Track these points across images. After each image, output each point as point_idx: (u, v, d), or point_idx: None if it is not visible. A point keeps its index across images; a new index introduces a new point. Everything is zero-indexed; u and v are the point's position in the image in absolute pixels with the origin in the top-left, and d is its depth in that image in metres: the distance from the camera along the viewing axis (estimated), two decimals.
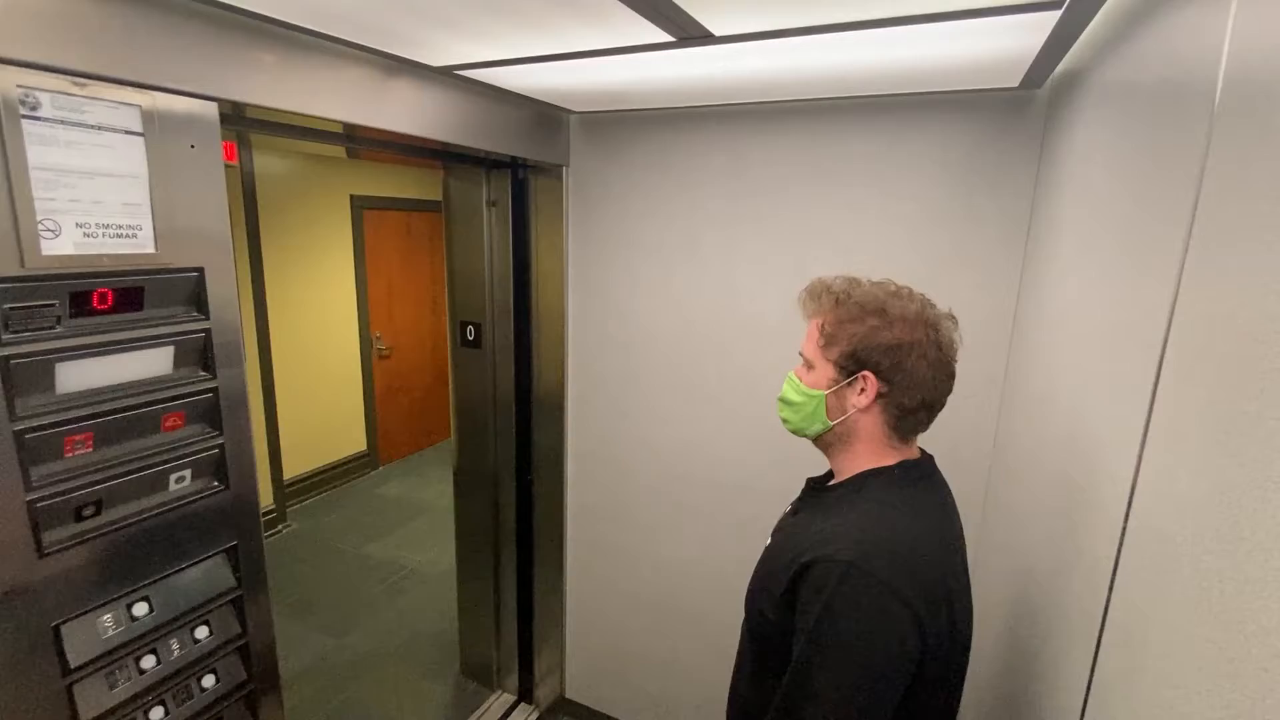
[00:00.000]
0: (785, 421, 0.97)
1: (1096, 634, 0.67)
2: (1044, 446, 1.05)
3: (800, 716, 0.77)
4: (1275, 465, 0.40)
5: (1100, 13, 0.95)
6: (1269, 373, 0.42)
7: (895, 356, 0.85)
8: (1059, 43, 1.05)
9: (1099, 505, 0.73)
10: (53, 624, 0.87)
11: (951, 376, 0.89)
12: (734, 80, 1.38)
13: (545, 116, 1.77)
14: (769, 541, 0.99)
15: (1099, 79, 0.99)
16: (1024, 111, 1.40)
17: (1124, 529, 0.64)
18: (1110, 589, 0.65)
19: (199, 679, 1.05)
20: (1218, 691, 0.43)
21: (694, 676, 2.08)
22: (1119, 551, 0.64)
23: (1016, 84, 1.33)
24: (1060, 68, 1.25)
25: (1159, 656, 0.53)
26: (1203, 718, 0.45)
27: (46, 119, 0.82)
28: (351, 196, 4.11)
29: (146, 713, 0.98)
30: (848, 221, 1.61)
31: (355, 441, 4.40)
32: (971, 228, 1.49)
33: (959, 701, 0.90)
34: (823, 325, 0.91)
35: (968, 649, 0.88)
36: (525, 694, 2.40)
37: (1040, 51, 1.09)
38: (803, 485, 1.03)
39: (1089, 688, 0.68)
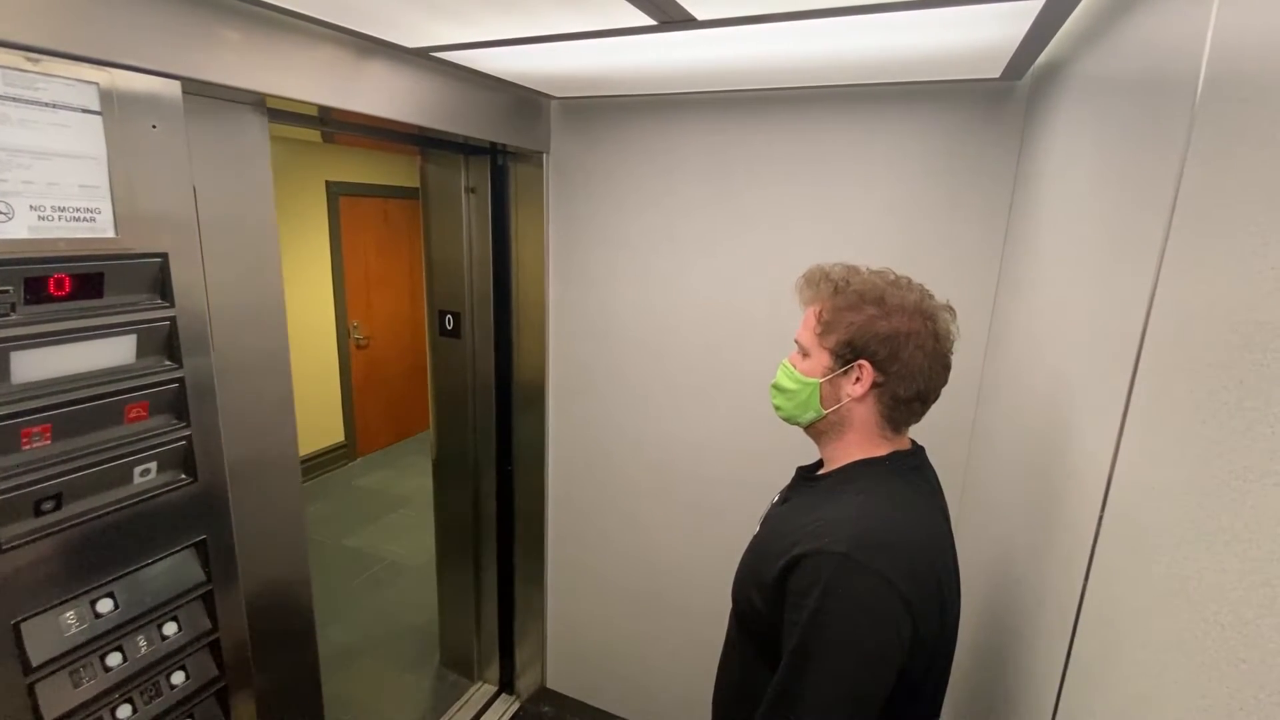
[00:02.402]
0: (778, 409, 0.96)
1: (1072, 623, 0.67)
2: (1021, 436, 1.06)
3: (796, 706, 0.77)
4: (1253, 455, 0.40)
5: (1082, 4, 0.95)
6: (1247, 363, 0.42)
7: (892, 346, 0.85)
8: (1040, 33, 1.05)
9: (1075, 495, 0.74)
10: (12, 622, 0.84)
11: (947, 368, 0.89)
12: (716, 66, 1.37)
13: (525, 102, 1.74)
14: (757, 530, 0.99)
15: (1080, 71, 0.99)
16: (1005, 102, 1.40)
17: (1100, 519, 0.64)
18: (1086, 578, 0.66)
19: (168, 676, 1.03)
20: (1193, 682, 0.43)
21: (676, 666, 2.08)
22: (1095, 541, 0.65)
23: (998, 75, 1.33)
24: (1041, 59, 1.25)
25: (1134, 646, 0.53)
26: (1178, 707, 0.45)
27: None
28: (327, 183, 4.03)
29: (114, 711, 0.96)
30: (829, 210, 1.61)
31: (333, 432, 4.34)
32: (952, 218, 1.50)
33: (946, 687, 0.91)
34: (820, 313, 0.90)
35: (955, 636, 0.89)
36: (506, 685, 2.40)
37: (1021, 42, 1.09)
38: (790, 474, 1.03)
39: (1064, 676, 0.68)
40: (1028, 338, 1.12)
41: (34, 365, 0.84)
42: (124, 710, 0.97)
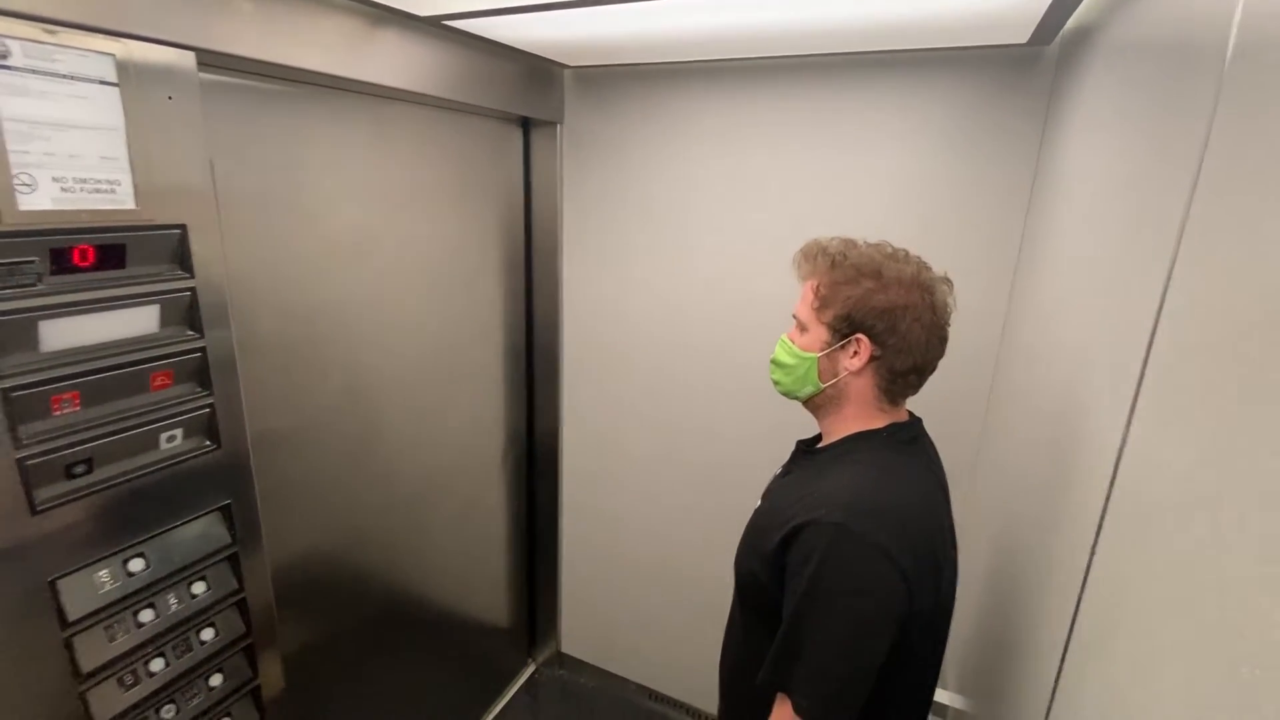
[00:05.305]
0: (776, 384, 0.97)
1: (1077, 594, 0.68)
2: (1035, 411, 1.05)
3: (793, 670, 0.79)
4: (1261, 430, 0.40)
5: None
6: (1260, 339, 0.41)
7: (889, 320, 0.85)
8: None
9: (1085, 469, 0.73)
10: (48, 579, 0.88)
11: (944, 340, 0.88)
12: (731, 33, 1.34)
13: (539, 71, 1.72)
14: (759, 504, 1.00)
15: (1110, 36, 0.95)
16: (1032, 69, 1.36)
17: (1109, 493, 0.64)
18: (1092, 552, 0.66)
19: (198, 632, 1.07)
20: (1192, 652, 0.44)
21: (685, 633, 2.13)
22: (1102, 515, 0.65)
23: (1025, 40, 1.29)
24: (1070, 23, 1.21)
25: (1136, 617, 0.54)
26: (1177, 677, 0.46)
27: (17, 68, 0.79)
28: None
29: (147, 664, 1.00)
30: (845, 181, 1.58)
31: None
32: (973, 189, 1.46)
33: (943, 653, 0.92)
34: (817, 287, 0.90)
35: (952, 604, 0.90)
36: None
37: (1050, 5, 1.06)
38: (792, 448, 1.04)
39: (1067, 645, 0.69)
40: (1045, 311, 1.11)
41: (61, 334, 0.86)
42: (157, 663, 1.01)
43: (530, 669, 2.43)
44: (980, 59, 1.39)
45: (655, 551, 2.12)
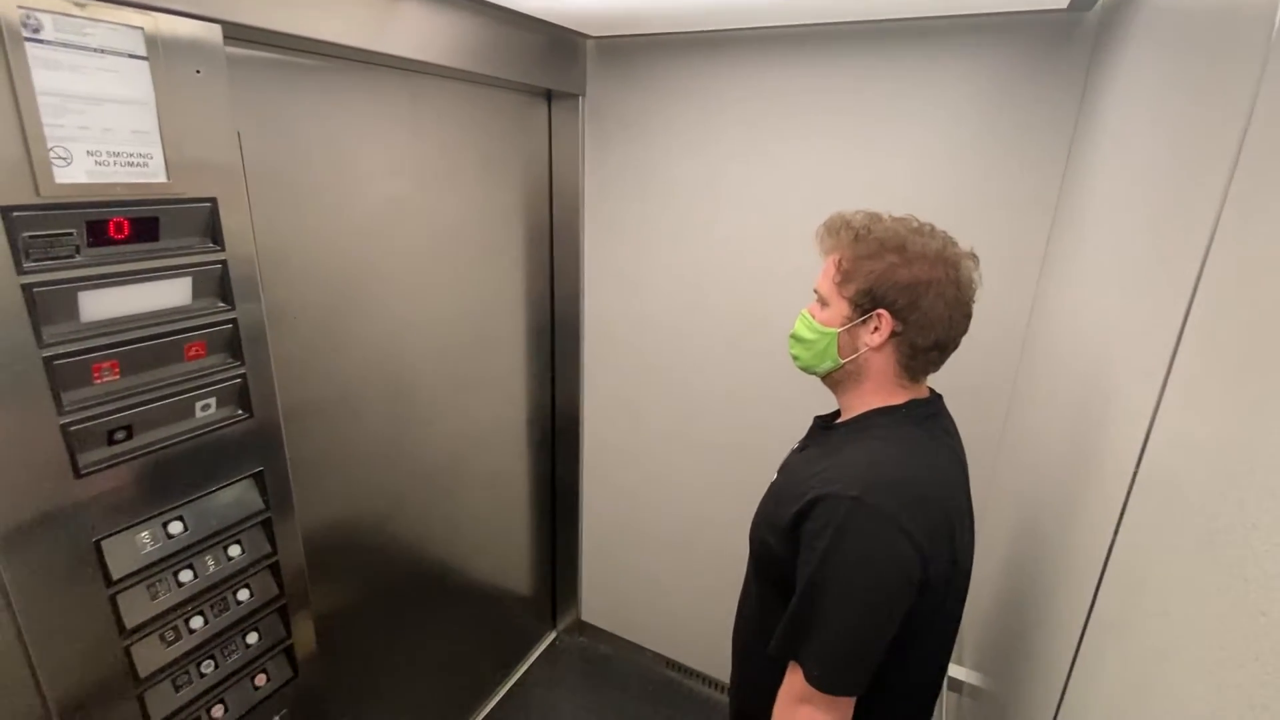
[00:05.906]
0: (796, 359, 0.96)
1: (1098, 575, 0.68)
2: (1063, 389, 1.04)
3: (805, 640, 0.80)
4: None
5: None
6: None
7: (912, 295, 0.84)
8: None
9: (1112, 448, 0.73)
10: (93, 540, 0.92)
11: (968, 317, 0.87)
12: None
13: (561, 42, 1.70)
14: (775, 477, 1.01)
15: (1153, 2, 0.92)
16: (1070, 37, 1.31)
17: (1135, 473, 0.63)
18: (1115, 531, 0.65)
19: (234, 593, 1.12)
20: (1214, 633, 0.44)
21: (700, 603, 2.16)
22: (1128, 494, 0.64)
23: (1065, 5, 1.24)
24: None
25: (1158, 597, 0.54)
26: (1197, 658, 0.45)
27: (49, 42, 0.80)
28: None
29: (188, 622, 1.05)
30: (873, 155, 1.55)
31: None
32: (1005, 163, 1.43)
33: (957, 628, 0.93)
34: (840, 261, 0.89)
35: (968, 579, 0.91)
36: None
37: None
38: (810, 423, 1.04)
39: (1085, 625, 0.69)
40: (1077, 288, 1.08)
41: (100, 305, 0.89)
42: (197, 621, 1.06)
43: (551, 636, 2.49)
44: (1017, 25, 1.35)
45: (673, 523, 2.15)
